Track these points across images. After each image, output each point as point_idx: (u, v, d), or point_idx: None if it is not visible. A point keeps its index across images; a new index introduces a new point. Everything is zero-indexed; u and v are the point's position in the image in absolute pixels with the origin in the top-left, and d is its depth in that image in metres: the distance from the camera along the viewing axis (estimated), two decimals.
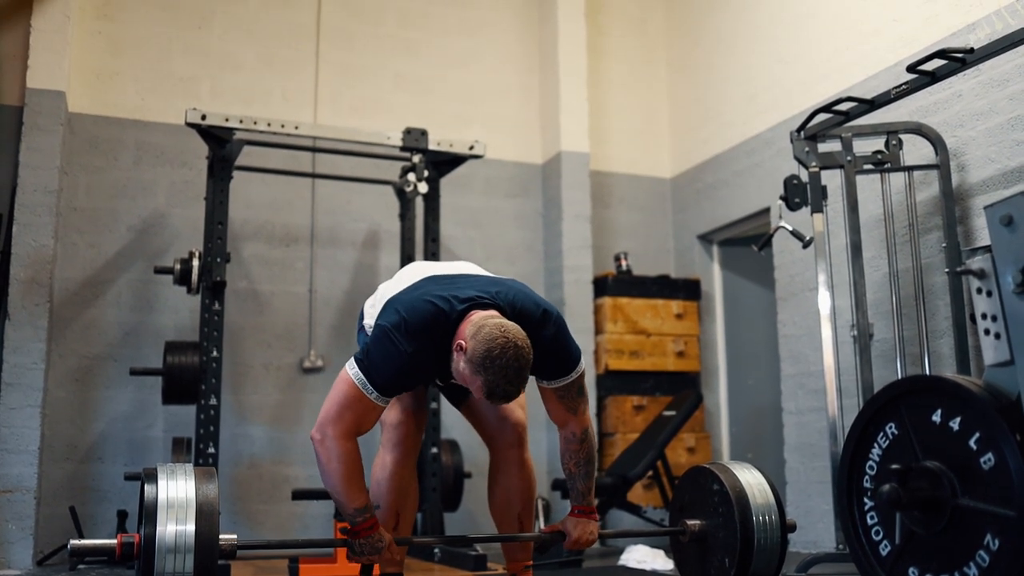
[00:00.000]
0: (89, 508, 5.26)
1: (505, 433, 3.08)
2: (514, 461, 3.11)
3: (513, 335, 2.58)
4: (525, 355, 2.58)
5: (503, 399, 2.60)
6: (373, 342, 2.72)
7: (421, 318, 2.69)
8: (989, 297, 2.71)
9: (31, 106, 5.17)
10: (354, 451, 2.75)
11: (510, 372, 2.55)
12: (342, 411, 2.72)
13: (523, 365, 2.57)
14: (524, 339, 2.60)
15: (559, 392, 2.88)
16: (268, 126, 4.99)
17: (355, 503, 2.75)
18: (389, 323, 2.70)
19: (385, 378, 2.70)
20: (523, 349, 2.58)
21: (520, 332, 2.61)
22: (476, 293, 2.75)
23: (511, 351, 2.55)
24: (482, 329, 2.59)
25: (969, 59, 3.94)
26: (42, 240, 5.05)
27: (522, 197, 6.61)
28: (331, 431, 2.72)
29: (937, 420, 2.78)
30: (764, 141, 5.93)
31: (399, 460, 3.01)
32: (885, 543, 2.94)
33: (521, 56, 6.80)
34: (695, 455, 6.22)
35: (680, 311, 6.45)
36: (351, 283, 6.06)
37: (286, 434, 5.74)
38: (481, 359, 2.55)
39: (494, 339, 2.55)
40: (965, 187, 4.42)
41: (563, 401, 2.90)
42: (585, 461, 2.99)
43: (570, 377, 2.86)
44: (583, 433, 2.96)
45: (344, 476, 2.72)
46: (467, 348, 2.59)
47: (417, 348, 2.68)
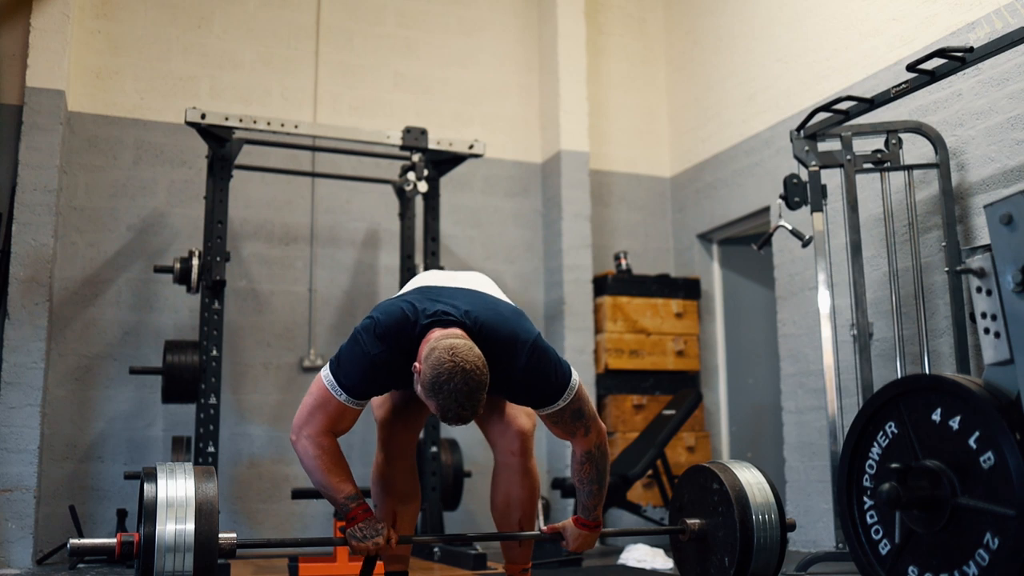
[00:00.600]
0: (89, 507, 5.26)
1: (507, 440, 3.04)
2: (516, 469, 3.05)
3: (462, 358, 2.50)
4: (475, 378, 2.50)
5: (458, 421, 2.55)
6: (346, 345, 2.73)
7: (388, 321, 2.69)
8: (989, 296, 2.71)
9: (31, 105, 5.17)
10: (330, 445, 2.75)
11: (460, 396, 2.49)
12: (313, 412, 2.74)
13: (474, 388, 2.50)
14: (475, 361, 2.52)
15: (552, 418, 2.81)
16: (268, 125, 4.98)
17: (342, 492, 2.75)
18: (362, 325, 2.72)
19: (352, 380, 2.69)
20: (472, 373, 2.50)
21: (471, 353, 2.53)
22: (446, 309, 2.69)
23: (459, 376, 2.48)
24: (432, 352, 2.54)
25: (969, 58, 3.94)
26: (42, 239, 5.05)
27: (522, 196, 6.61)
28: (305, 431, 2.74)
29: (937, 419, 2.79)
30: (764, 140, 5.93)
31: (387, 460, 3.00)
32: (885, 542, 2.94)
33: (521, 55, 6.80)
34: (695, 454, 6.22)
35: (680, 310, 6.46)
36: (351, 282, 6.06)
37: (286, 433, 5.74)
38: (431, 383, 2.51)
39: (442, 363, 2.50)
40: (965, 186, 4.42)
41: (558, 426, 2.83)
42: (589, 480, 2.89)
43: (557, 405, 2.76)
44: (584, 455, 2.86)
45: (324, 468, 2.73)
46: (419, 371, 2.56)
47: (382, 351, 2.67)
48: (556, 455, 6.06)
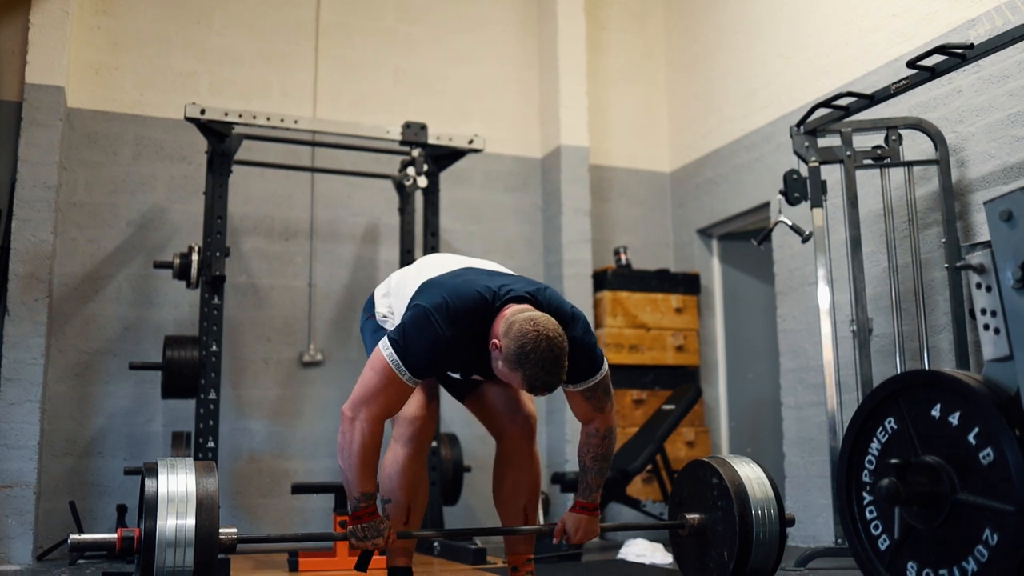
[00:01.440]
0: (89, 503, 5.27)
1: (517, 426, 3.10)
2: (524, 453, 3.12)
3: (544, 327, 2.60)
4: (559, 344, 2.61)
5: (545, 390, 2.63)
6: (411, 322, 2.71)
7: (465, 303, 2.71)
8: (988, 292, 2.71)
9: (30, 101, 5.17)
10: (378, 436, 2.76)
11: (547, 363, 2.58)
12: (377, 392, 2.72)
13: (559, 355, 2.60)
14: (556, 329, 2.63)
15: (586, 393, 2.91)
16: (267, 120, 4.98)
17: (363, 488, 2.77)
18: (431, 305, 2.71)
19: (420, 359, 2.70)
20: (556, 339, 2.60)
21: (551, 322, 2.64)
22: (517, 288, 2.78)
23: (544, 343, 2.57)
24: (513, 325, 2.61)
25: (969, 55, 3.94)
26: (41, 235, 5.05)
27: (521, 191, 6.61)
28: (364, 412, 2.72)
29: (936, 415, 2.79)
30: (764, 136, 5.93)
31: (411, 455, 3.01)
32: (884, 538, 2.94)
33: (521, 51, 6.79)
34: (694, 449, 6.23)
35: (679, 305, 6.46)
36: (351, 277, 6.06)
37: (286, 428, 5.75)
38: (516, 355, 2.58)
39: (526, 334, 2.58)
40: (965, 183, 4.42)
41: (591, 402, 2.93)
42: (602, 457, 3.00)
43: (596, 378, 2.90)
44: (608, 430, 2.98)
45: (362, 459, 2.74)
46: (501, 346, 2.62)
47: (456, 333, 2.70)
48: (556, 450, 6.07)
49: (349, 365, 5.86)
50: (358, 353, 5.83)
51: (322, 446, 5.77)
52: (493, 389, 3.13)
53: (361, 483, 2.76)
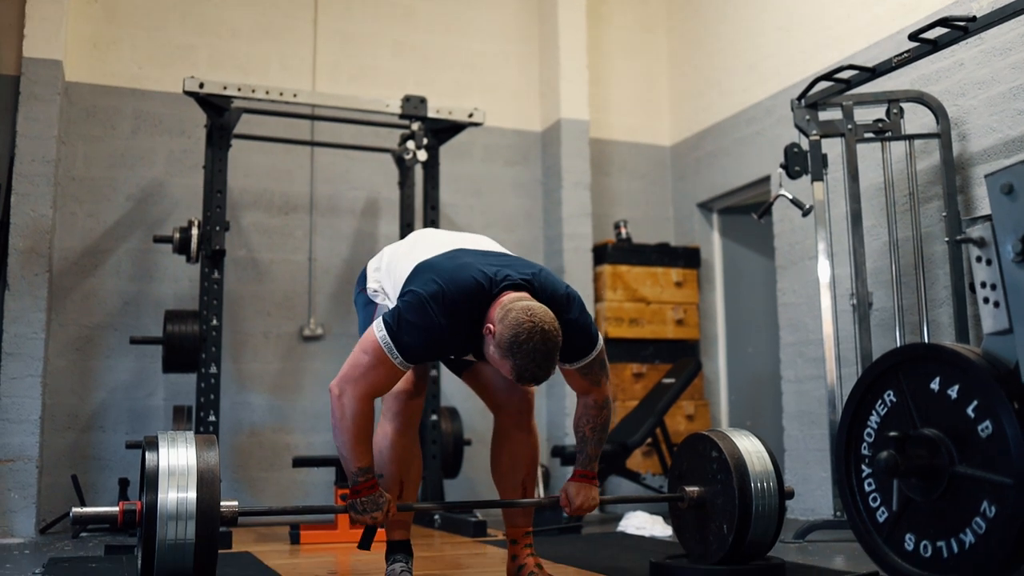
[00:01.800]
0: (91, 476, 5.29)
1: (515, 399, 3.09)
2: (522, 427, 3.12)
3: (540, 318, 2.57)
4: (553, 338, 2.57)
5: (532, 382, 2.61)
6: (406, 308, 2.69)
7: (461, 290, 2.68)
8: (989, 266, 2.71)
9: (28, 75, 5.15)
10: (368, 412, 2.76)
11: (538, 356, 2.55)
12: (365, 372, 2.71)
13: (551, 348, 2.57)
14: (552, 322, 2.59)
15: (583, 370, 2.89)
16: (266, 94, 4.96)
17: (359, 463, 2.77)
18: (427, 292, 2.68)
19: (414, 346, 2.69)
20: (550, 332, 2.57)
21: (548, 315, 2.60)
22: (513, 273, 2.75)
23: (538, 335, 2.54)
24: (509, 313, 2.58)
25: (971, 27, 3.91)
26: (41, 210, 5.05)
27: (521, 165, 6.59)
28: (351, 390, 2.72)
29: (935, 388, 2.80)
30: (765, 109, 5.90)
31: (399, 430, 3.02)
32: (882, 510, 2.96)
33: (521, 23, 6.76)
34: (694, 422, 6.25)
35: (680, 279, 6.46)
36: (350, 251, 6.06)
37: (286, 402, 5.76)
38: (508, 344, 2.55)
39: (521, 324, 2.55)
40: (966, 156, 4.41)
41: (587, 377, 2.92)
42: (601, 427, 3.00)
43: (592, 354, 2.87)
44: (604, 401, 2.98)
45: (354, 435, 2.74)
46: (495, 332, 2.60)
47: (451, 322, 2.68)
48: (556, 424, 6.09)
49: (349, 339, 5.86)
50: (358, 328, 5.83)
51: (323, 420, 5.78)
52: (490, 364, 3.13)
53: (356, 458, 2.77)
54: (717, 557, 3.17)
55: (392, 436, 3.02)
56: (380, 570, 3.27)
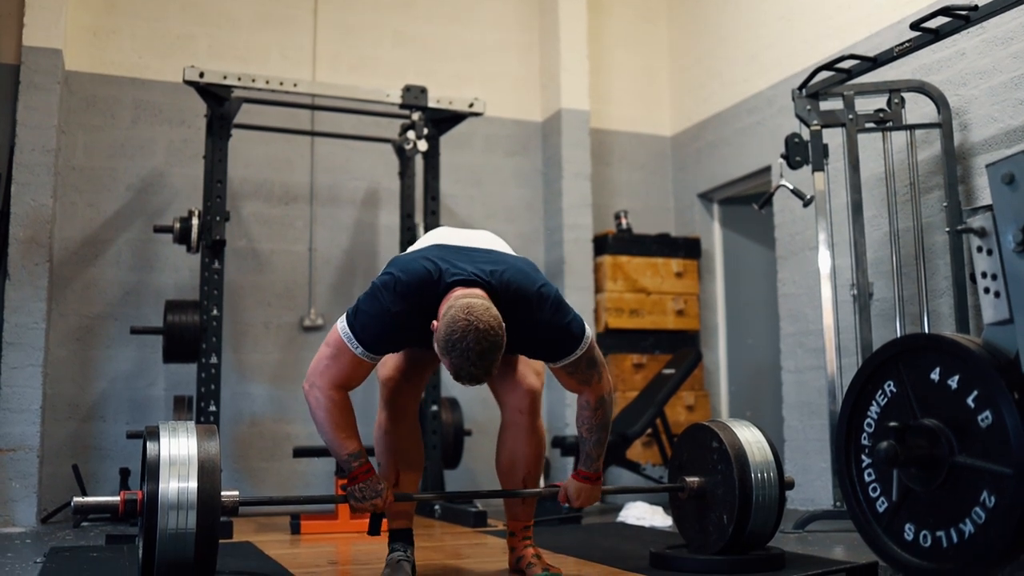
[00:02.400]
0: (91, 466, 5.30)
1: (516, 399, 3.06)
2: (524, 427, 3.08)
3: (477, 317, 2.51)
4: (489, 337, 2.51)
5: (471, 381, 2.57)
6: (363, 299, 2.72)
7: (411, 279, 2.68)
8: (989, 256, 2.71)
9: (28, 64, 5.14)
10: (341, 400, 2.76)
11: (472, 355, 2.50)
12: (329, 363, 2.73)
13: (486, 348, 2.51)
14: (490, 320, 2.53)
15: (567, 369, 2.84)
16: (267, 84, 4.95)
17: (346, 449, 2.77)
18: (381, 281, 2.71)
19: (370, 335, 2.69)
20: (487, 332, 2.51)
21: (487, 313, 2.54)
22: (468, 268, 2.71)
23: (471, 334, 2.49)
24: (449, 310, 2.55)
25: (973, 17, 3.91)
26: (41, 199, 5.04)
27: (522, 155, 6.58)
28: (318, 382, 2.74)
29: (936, 378, 2.80)
30: (766, 99, 5.89)
31: (390, 418, 3.02)
32: (882, 500, 2.96)
33: (521, 13, 6.74)
34: (694, 413, 6.25)
35: (680, 270, 6.46)
36: (351, 242, 6.05)
37: (287, 392, 5.77)
38: (444, 342, 2.53)
39: (456, 321, 2.51)
40: (967, 146, 4.41)
41: (574, 376, 2.87)
42: (598, 428, 2.94)
43: (575, 355, 2.80)
44: (598, 401, 2.91)
45: (332, 423, 2.75)
46: (436, 329, 2.58)
47: (403, 309, 2.67)
48: (556, 414, 6.09)
49: None
50: None
51: None
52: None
53: (342, 445, 2.77)
54: (717, 547, 3.18)
55: (384, 425, 3.03)
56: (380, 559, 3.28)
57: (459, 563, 3.51)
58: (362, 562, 3.62)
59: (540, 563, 3.04)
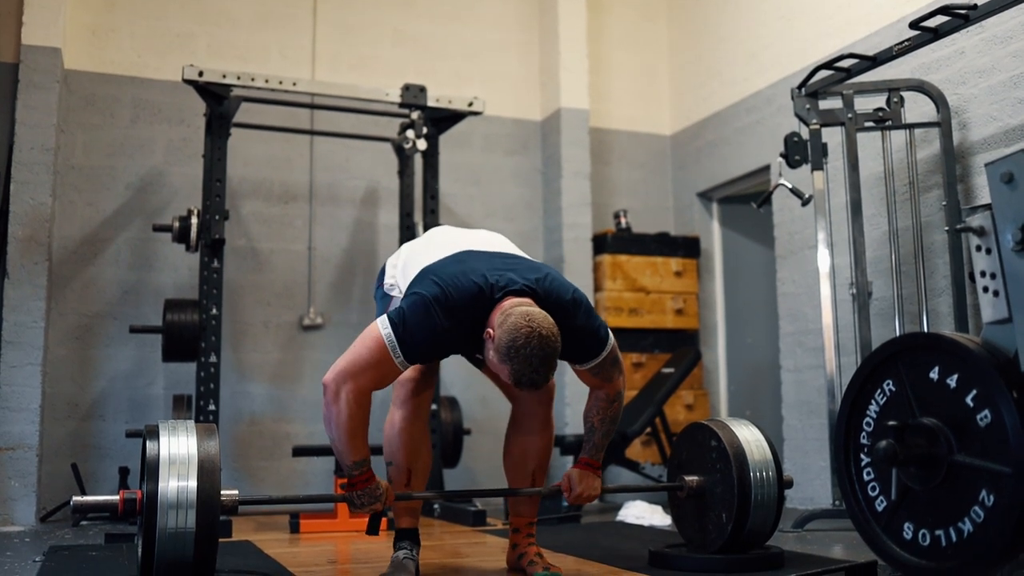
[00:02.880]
0: (91, 465, 5.29)
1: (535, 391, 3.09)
2: (539, 418, 3.13)
3: (538, 324, 2.58)
4: (551, 344, 2.58)
5: (531, 387, 2.61)
6: (411, 310, 2.70)
7: (462, 296, 2.69)
8: (988, 255, 2.71)
9: (27, 63, 5.13)
10: (366, 407, 2.76)
11: (535, 361, 2.56)
12: (365, 368, 2.71)
13: (549, 354, 2.58)
14: (550, 327, 2.60)
15: (594, 370, 2.92)
16: (266, 82, 4.94)
17: (354, 456, 2.77)
18: (431, 295, 2.69)
19: (416, 347, 2.70)
20: (549, 338, 2.58)
21: (547, 320, 2.61)
22: (516, 278, 2.75)
23: (535, 340, 2.55)
24: (508, 318, 2.59)
25: (972, 15, 3.91)
26: (40, 198, 5.04)
27: (521, 154, 6.58)
28: (350, 385, 2.71)
29: (935, 377, 2.80)
30: (765, 98, 5.89)
31: (407, 417, 3.02)
32: (881, 499, 2.96)
33: (521, 12, 6.74)
34: (693, 412, 6.25)
35: (679, 269, 6.46)
36: (350, 241, 6.05)
37: (286, 391, 5.77)
38: (506, 349, 2.56)
39: (519, 329, 2.56)
40: (966, 145, 4.41)
41: (599, 376, 2.95)
42: (610, 419, 3.02)
43: (601, 356, 2.89)
44: (616, 395, 3.00)
45: (349, 429, 2.73)
46: (494, 337, 2.61)
47: (454, 325, 2.69)
48: (556, 414, 6.06)
49: (349, 328, 5.87)
50: (358, 317, 5.84)
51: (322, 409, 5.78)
52: None
53: (352, 453, 2.76)
54: (716, 546, 3.18)
55: (401, 423, 3.02)
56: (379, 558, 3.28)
57: (458, 562, 3.51)
58: (361, 561, 3.62)
59: (541, 562, 3.04)
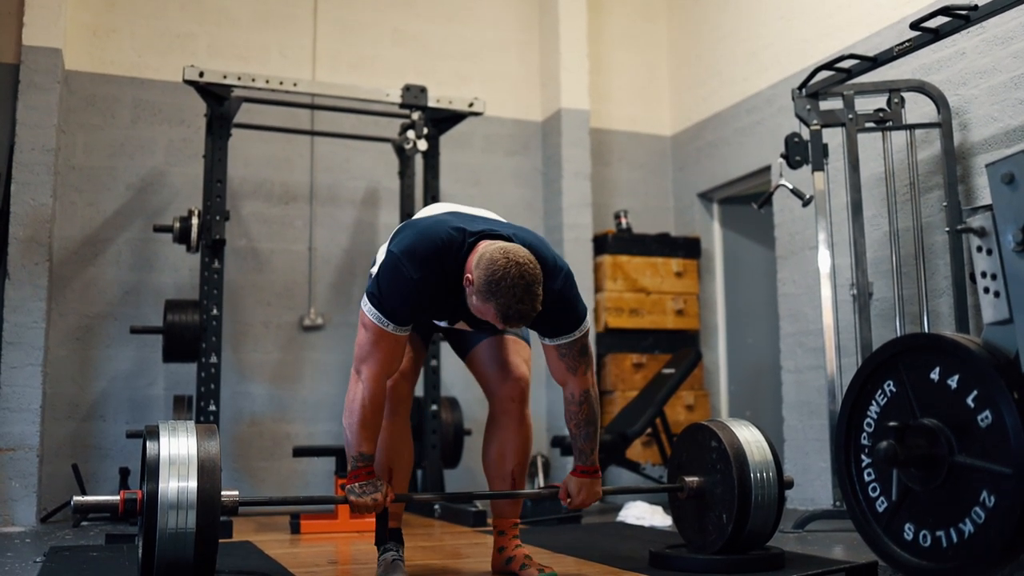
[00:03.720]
0: (91, 466, 5.30)
1: (506, 387, 3.06)
2: (513, 416, 3.07)
3: (514, 253, 2.56)
4: (531, 271, 2.55)
5: (520, 320, 2.58)
6: (382, 272, 2.71)
7: (431, 243, 2.68)
8: (989, 255, 2.71)
9: (27, 64, 5.13)
10: (380, 397, 2.77)
11: (518, 291, 2.53)
12: (371, 348, 2.74)
13: (530, 282, 2.55)
14: (527, 256, 2.57)
15: (561, 350, 2.86)
16: (266, 83, 4.95)
17: (362, 447, 2.78)
18: (399, 248, 2.69)
19: (395, 306, 2.69)
20: (527, 265, 2.55)
21: (522, 250, 2.59)
22: (490, 228, 2.74)
23: (513, 269, 2.53)
24: (483, 256, 2.58)
25: (973, 16, 3.91)
26: (41, 199, 5.04)
27: (522, 155, 6.58)
28: (366, 370, 2.74)
29: (935, 378, 2.80)
30: (765, 99, 5.89)
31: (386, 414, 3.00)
32: (882, 500, 2.96)
33: (521, 12, 6.74)
34: (694, 413, 6.25)
35: (680, 269, 6.46)
36: (350, 241, 6.05)
37: (286, 392, 5.77)
38: (486, 285, 2.54)
39: (495, 261, 2.54)
40: (967, 146, 4.41)
41: (564, 360, 2.88)
42: (586, 422, 2.95)
43: (573, 335, 2.84)
44: (583, 395, 2.92)
45: (361, 419, 2.76)
46: (473, 280, 2.59)
47: (424, 275, 2.67)
48: (555, 414, 6.09)
49: (349, 329, 5.87)
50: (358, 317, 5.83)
51: (323, 409, 5.79)
52: (486, 348, 3.09)
53: (360, 442, 2.77)
54: (716, 547, 3.18)
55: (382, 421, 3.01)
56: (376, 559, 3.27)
57: (458, 563, 3.51)
58: (361, 562, 3.62)
59: (534, 564, 3.01)
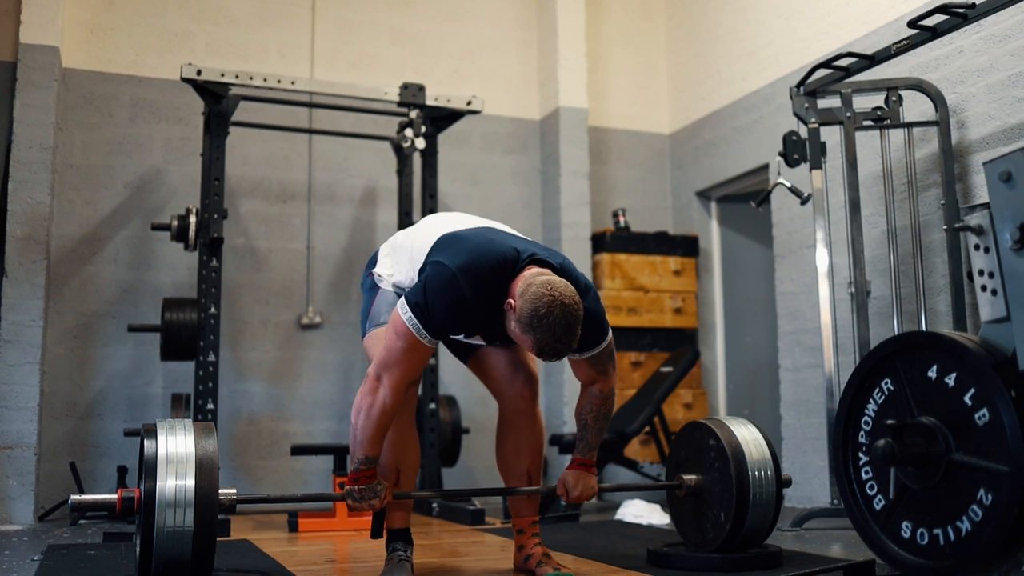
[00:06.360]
0: (89, 464, 5.30)
1: (517, 386, 3.08)
2: (526, 414, 3.09)
3: (560, 293, 2.57)
4: (574, 312, 2.57)
5: (554, 357, 2.60)
6: (432, 283, 2.68)
7: (490, 263, 2.68)
8: (987, 254, 2.71)
9: (25, 61, 5.13)
10: (398, 405, 2.79)
11: (558, 330, 2.55)
12: (400, 358, 2.73)
13: (571, 322, 2.57)
14: (572, 295, 2.59)
15: (591, 361, 2.91)
16: (264, 81, 4.94)
17: (368, 451, 2.79)
18: (455, 265, 2.67)
19: (441, 321, 2.69)
20: (571, 307, 2.57)
21: (568, 288, 2.60)
22: (539, 252, 2.76)
23: (558, 309, 2.54)
24: (530, 288, 2.58)
25: (971, 14, 3.90)
26: (38, 197, 5.04)
27: (520, 153, 6.58)
28: (388, 378, 2.74)
29: (933, 376, 2.80)
30: (763, 97, 5.89)
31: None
32: (879, 498, 2.96)
33: (519, 11, 6.74)
34: (692, 411, 6.25)
35: (678, 268, 6.46)
36: (349, 240, 6.05)
37: (284, 390, 5.77)
38: (529, 318, 2.55)
39: (541, 298, 2.55)
40: (965, 144, 4.41)
41: (595, 368, 2.94)
42: (603, 417, 3.01)
43: (602, 346, 2.89)
44: (609, 391, 2.99)
45: (376, 425, 2.76)
46: (516, 307, 2.60)
47: (477, 294, 2.67)
48: (553, 412, 6.09)
49: (347, 327, 5.87)
50: (356, 316, 5.84)
51: (321, 408, 5.79)
52: (493, 349, 3.11)
53: (369, 446, 2.78)
54: (714, 545, 3.18)
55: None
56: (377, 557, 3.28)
57: (457, 561, 3.51)
58: (360, 560, 3.62)
59: (550, 562, 3.02)
